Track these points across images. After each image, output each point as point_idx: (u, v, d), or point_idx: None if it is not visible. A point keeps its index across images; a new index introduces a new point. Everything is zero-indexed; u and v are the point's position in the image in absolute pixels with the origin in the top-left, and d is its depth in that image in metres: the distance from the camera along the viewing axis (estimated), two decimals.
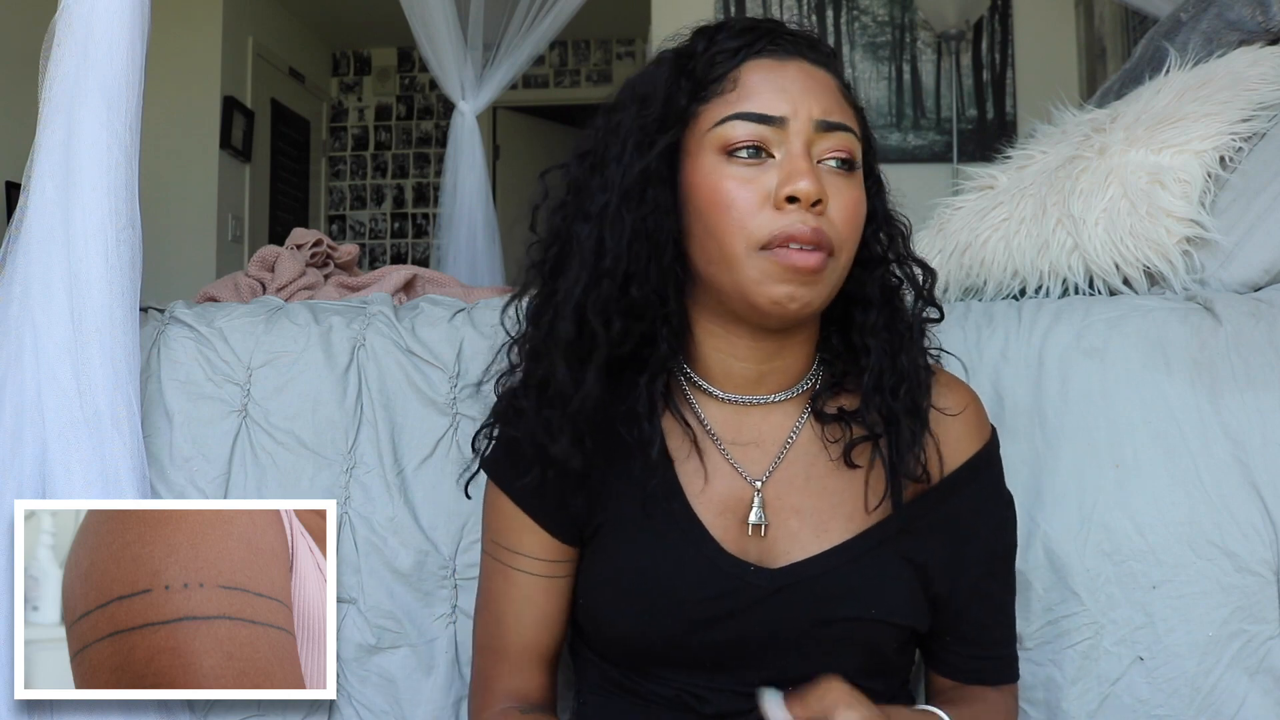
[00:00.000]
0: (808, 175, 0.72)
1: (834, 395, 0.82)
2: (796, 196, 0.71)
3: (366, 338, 1.13)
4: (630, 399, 0.79)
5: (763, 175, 0.73)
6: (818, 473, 0.81)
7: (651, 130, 0.76)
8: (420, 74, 5.25)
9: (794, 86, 0.75)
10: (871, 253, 0.81)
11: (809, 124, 0.74)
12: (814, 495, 0.80)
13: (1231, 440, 0.96)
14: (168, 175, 3.80)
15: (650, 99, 0.77)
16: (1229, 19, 1.40)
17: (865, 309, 0.81)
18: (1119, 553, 0.95)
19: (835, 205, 0.74)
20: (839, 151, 0.74)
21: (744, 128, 0.73)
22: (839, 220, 0.74)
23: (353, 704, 1.02)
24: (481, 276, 2.67)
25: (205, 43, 4.06)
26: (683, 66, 0.78)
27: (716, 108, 0.75)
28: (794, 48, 0.77)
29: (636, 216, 0.76)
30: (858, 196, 0.76)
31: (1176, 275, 1.12)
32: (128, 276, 1.02)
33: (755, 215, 0.72)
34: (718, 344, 0.80)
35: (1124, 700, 0.94)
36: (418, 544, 1.04)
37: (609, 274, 0.76)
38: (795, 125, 0.73)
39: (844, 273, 0.76)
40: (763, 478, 0.80)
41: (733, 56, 0.76)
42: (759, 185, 0.73)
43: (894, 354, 0.79)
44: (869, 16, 3.49)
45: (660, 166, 0.76)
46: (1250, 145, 1.16)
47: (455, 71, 2.68)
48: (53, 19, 1.03)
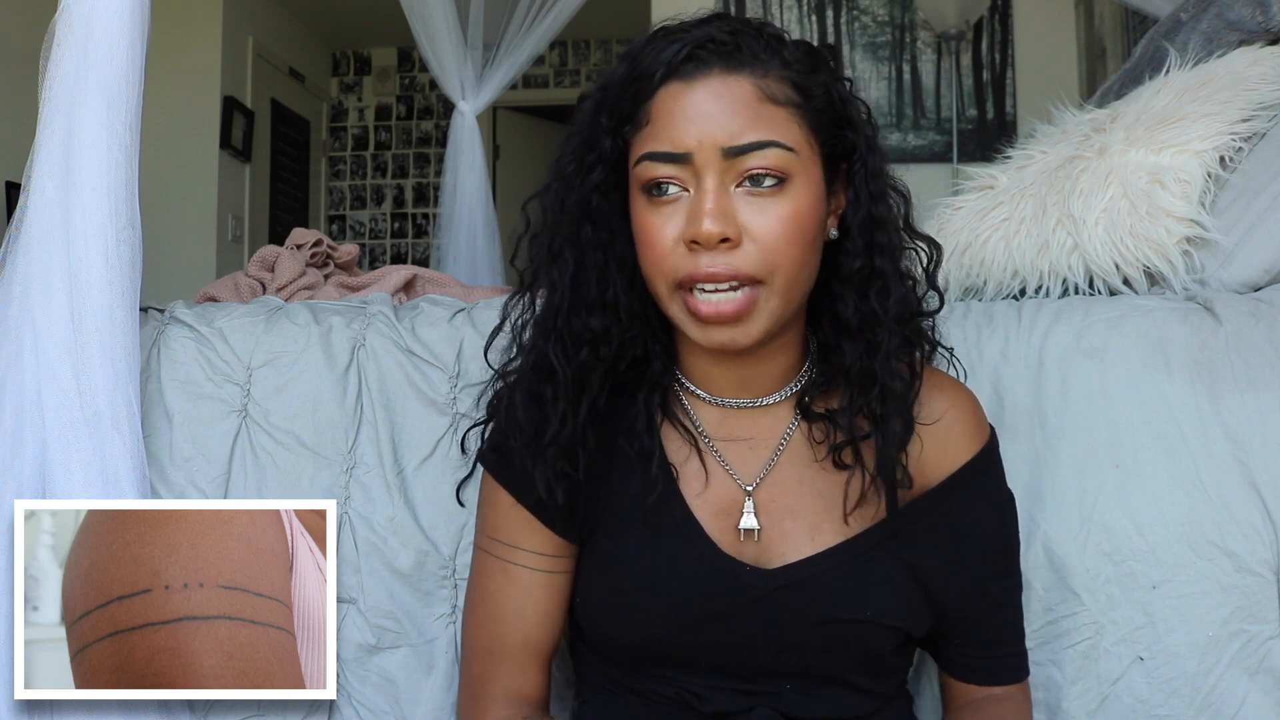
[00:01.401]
0: (709, 215, 0.70)
1: (823, 394, 0.81)
2: (698, 240, 0.70)
3: (366, 338, 1.13)
4: (630, 412, 0.80)
5: (678, 213, 0.72)
6: (810, 474, 0.81)
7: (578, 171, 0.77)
8: (420, 74, 5.25)
9: (699, 114, 0.71)
10: (852, 243, 0.77)
11: (715, 154, 0.71)
12: (807, 497, 0.80)
13: (1231, 440, 0.96)
14: (168, 175, 3.80)
15: (579, 138, 0.78)
16: (1229, 19, 1.39)
17: (843, 305, 0.78)
18: (1119, 553, 0.95)
19: (755, 230, 0.71)
20: (755, 170, 0.71)
21: (655, 167, 0.72)
22: (763, 246, 0.71)
23: (353, 704, 1.02)
24: (481, 276, 2.67)
25: (205, 43, 4.06)
26: (604, 101, 0.76)
27: (638, 143, 0.74)
28: (709, 60, 0.72)
29: (577, 253, 0.77)
30: (788, 212, 0.71)
31: (1176, 275, 1.12)
32: (128, 276, 1.02)
33: (670, 256, 0.72)
34: (698, 353, 0.81)
35: (1124, 700, 0.94)
36: (418, 544, 1.04)
37: (559, 309, 0.77)
38: (701, 158, 0.71)
39: (787, 294, 0.73)
40: (755, 481, 0.80)
41: (649, 84, 0.73)
42: (674, 224, 0.72)
43: (868, 357, 0.77)
44: (869, 16, 3.49)
45: (601, 201, 0.77)
46: (1250, 145, 1.16)
47: (455, 71, 2.68)
48: (53, 19, 1.02)
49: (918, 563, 0.80)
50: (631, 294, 0.78)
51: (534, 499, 0.80)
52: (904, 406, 0.78)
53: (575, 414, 0.77)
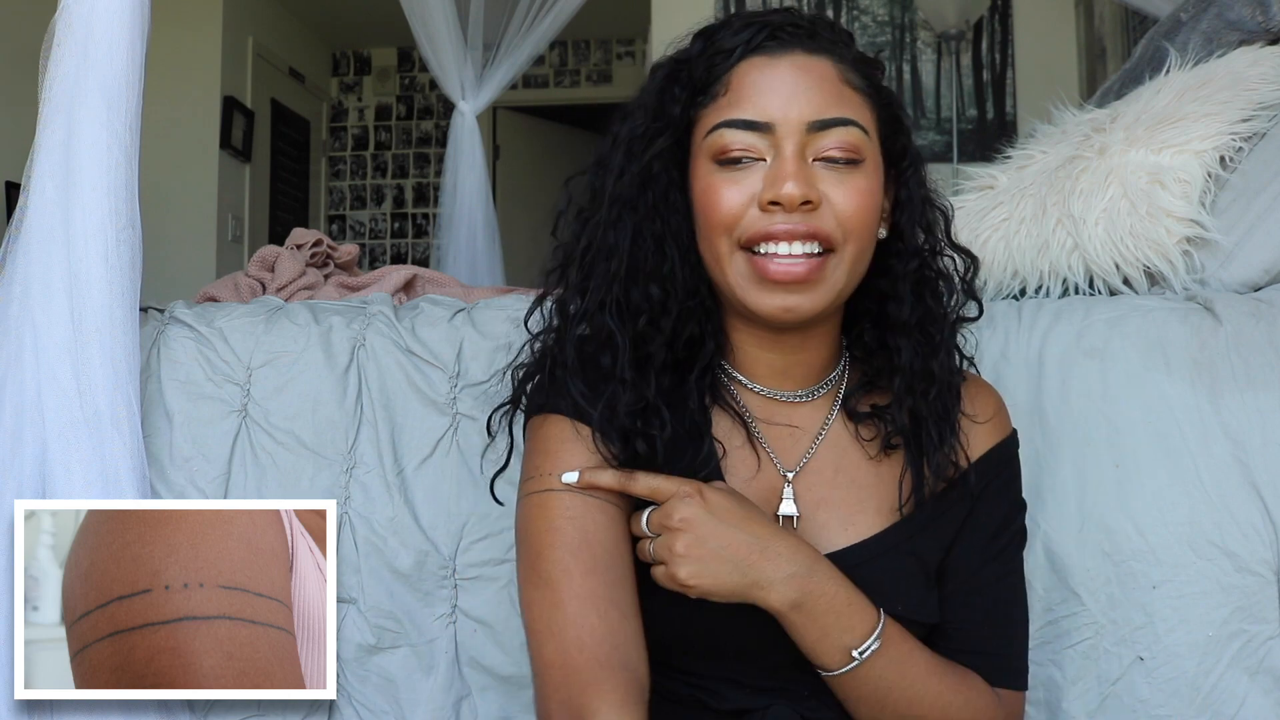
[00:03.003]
0: (793, 178, 0.71)
1: (867, 393, 0.83)
2: (779, 201, 0.71)
3: (366, 338, 1.13)
4: (682, 390, 0.80)
5: (751, 178, 0.73)
6: (847, 466, 0.82)
7: (644, 138, 0.77)
8: (420, 74, 5.25)
9: (784, 87, 0.73)
10: (907, 244, 0.79)
11: (799, 126, 0.73)
12: (842, 488, 0.81)
13: (1231, 440, 0.96)
14: (168, 175, 3.79)
15: (645, 107, 0.78)
16: (1229, 19, 1.40)
17: (899, 305, 0.79)
18: (1119, 553, 0.95)
19: (833, 201, 0.73)
20: (836, 149, 0.73)
21: (733, 135, 0.73)
22: (839, 215, 0.73)
23: (353, 704, 1.02)
24: (481, 276, 2.67)
25: (205, 43, 4.06)
26: (676, 73, 0.78)
27: (711, 113, 0.75)
28: (791, 40, 0.75)
29: (637, 220, 0.77)
30: (862, 187, 0.74)
31: (1176, 275, 1.12)
32: (128, 276, 1.02)
33: (739, 214, 0.73)
34: (745, 337, 0.81)
35: (1124, 700, 0.94)
36: (418, 544, 1.04)
37: (616, 277, 0.77)
38: (784, 129, 0.73)
39: (852, 268, 0.75)
40: (795, 469, 0.81)
41: (727, 58, 0.75)
42: (747, 187, 0.73)
43: (926, 356, 0.79)
44: (869, 16, 3.49)
45: (663, 171, 0.77)
46: (1250, 145, 1.16)
47: (455, 71, 2.68)
48: (53, 19, 1.03)
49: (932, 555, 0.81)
50: (686, 268, 0.78)
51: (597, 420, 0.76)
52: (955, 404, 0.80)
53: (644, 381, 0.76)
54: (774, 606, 0.71)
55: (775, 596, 0.71)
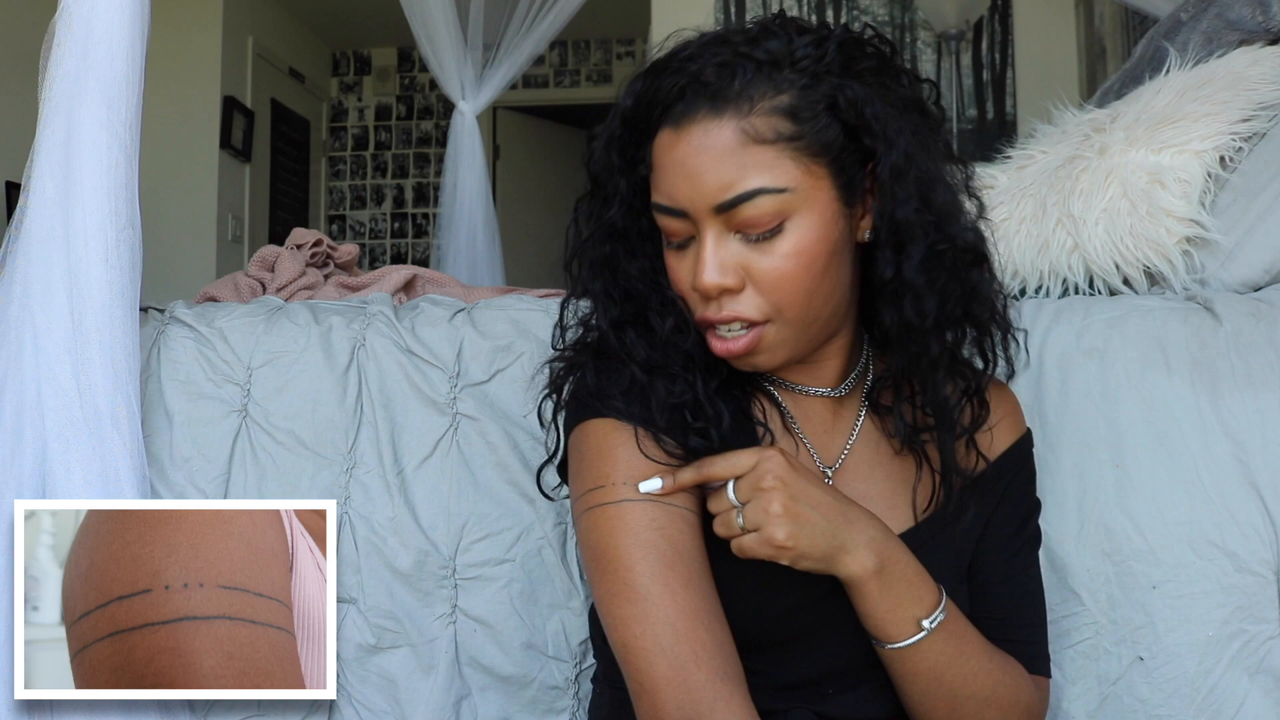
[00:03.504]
0: (707, 268, 0.71)
1: (888, 385, 0.83)
2: (699, 290, 0.73)
3: (366, 338, 1.13)
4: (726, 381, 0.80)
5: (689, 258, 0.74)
6: (881, 461, 0.82)
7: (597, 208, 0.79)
8: (420, 74, 5.25)
9: (686, 170, 0.70)
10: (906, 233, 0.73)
11: (707, 211, 0.71)
12: (877, 483, 0.82)
13: (1231, 440, 0.96)
14: (168, 175, 3.80)
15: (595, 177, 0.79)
16: (1229, 19, 1.40)
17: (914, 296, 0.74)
18: (1119, 553, 0.95)
19: (758, 275, 0.71)
20: (745, 227, 0.70)
21: (663, 220, 0.74)
22: (765, 289, 0.72)
23: (353, 704, 1.02)
24: (481, 276, 2.67)
25: (205, 43, 4.06)
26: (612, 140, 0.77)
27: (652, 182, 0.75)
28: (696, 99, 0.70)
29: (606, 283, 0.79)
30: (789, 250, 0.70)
31: (1176, 275, 1.13)
32: (128, 276, 1.02)
33: (689, 297, 0.76)
34: None
35: (1124, 700, 0.94)
36: (418, 544, 1.04)
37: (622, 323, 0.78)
38: (696, 214, 0.71)
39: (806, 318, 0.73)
40: (835, 464, 0.82)
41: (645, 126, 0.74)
42: (688, 268, 0.74)
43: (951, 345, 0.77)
44: (869, 16, 3.49)
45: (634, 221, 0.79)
46: (1250, 145, 1.16)
47: (455, 71, 2.68)
48: (53, 19, 1.03)
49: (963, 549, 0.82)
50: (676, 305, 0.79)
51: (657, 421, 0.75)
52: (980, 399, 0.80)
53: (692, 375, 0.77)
54: (855, 572, 0.72)
55: (858, 561, 0.71)
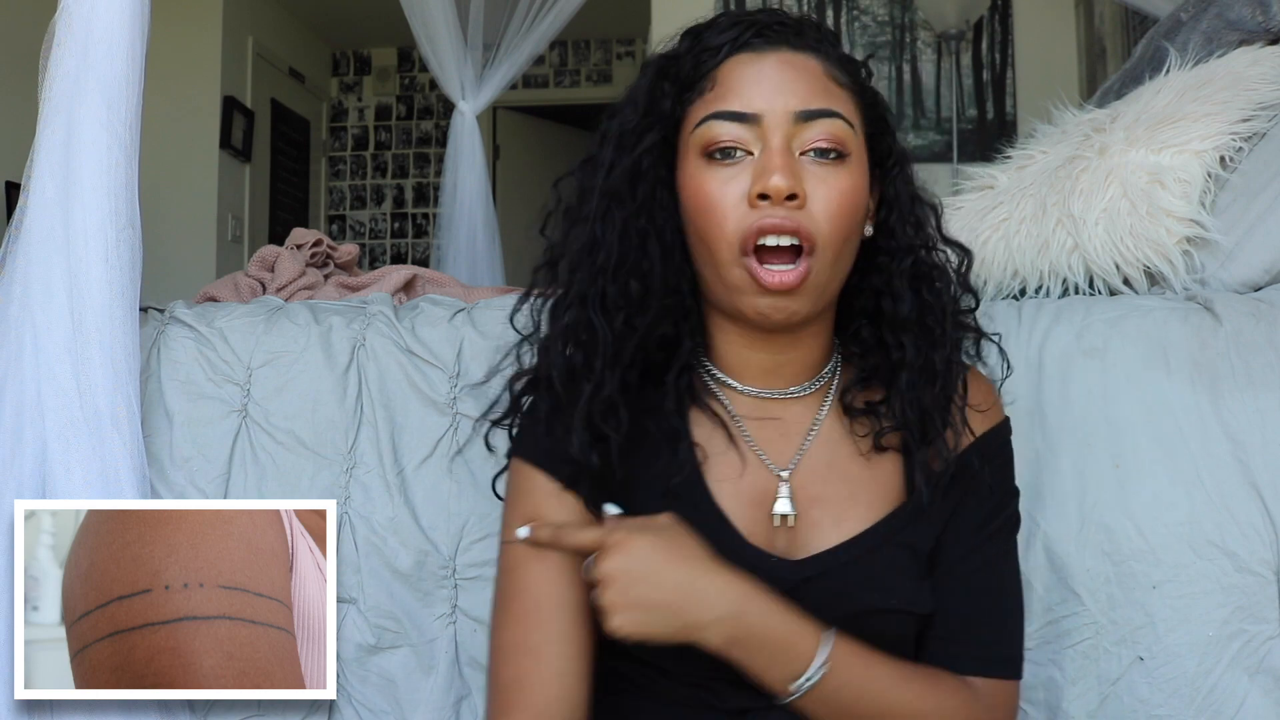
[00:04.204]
0: (780, 170, 0.72)
1: (862, 389, 0.82)
2: (767, 194, 0.72)
3: (366, 338, 1.13)
4: (658, 396, 0.80)
5: (741, 174, 0.74)
6: (839, 462, 0.81)
7: (634, 132, 0.78)
8: (420, 74, 5.25)
9: (771, 79, 0.74)
10: (899, 240, 0.80)
11: (786, 117, 0.73)
12: (834, 484, 0.81)
13: (1231, 440, 0.96)
14: (168, 175, 3.79)
15: (635, 103, 0.79)
16: (1229, 19, 1.40)
17: (895, 301, 0.80)
18: (1119, 553, 0.95)
19: (817, 198, 0.73)
20: (821, 141, 0.74)
21: (720, 127, 0.74)
22: (821, 213, 0.73)
23: (353, 704, 1.02)
24: (481, 276, 2.67)
25: (205, 43, 4.06)
26: (666, 69, 0.78)
27: (698, 108, 0.76)
28: (777, 37, 0.76)
29: (625, 215, 0.77)
30: (847, 185, 0.74)
31: (1176, 275, 1.12)
32: (128, 276, 1.02)
33: (733, 213, 0.74)
34: (732, 338, 0.81)
35: (1124, 700, 0.94)
36: (418, 544, 1.04)
37: (603, 271, 0.77)
38: (771, 120, 0.73)
39: (834, 270, 0.75)
40: (788, 467, 0.81)
41: (714, 55, 0.76)
42: (737, 185, 0.74)
43: (928, 349, 0.79)
44: (869, 16, 3.50)
45: (651, 167, 0.78)
46: (1250, 145, 1.16)
47: (455, 71, 2.68)
48: (53, 19, 1.03)
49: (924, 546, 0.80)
50: (668, 266, 0.78)
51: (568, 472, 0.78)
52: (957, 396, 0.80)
53: (613, 377, 0.77)
54: (711, 647, 0.72)
55: (710, 637, 0.71)
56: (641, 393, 0.80)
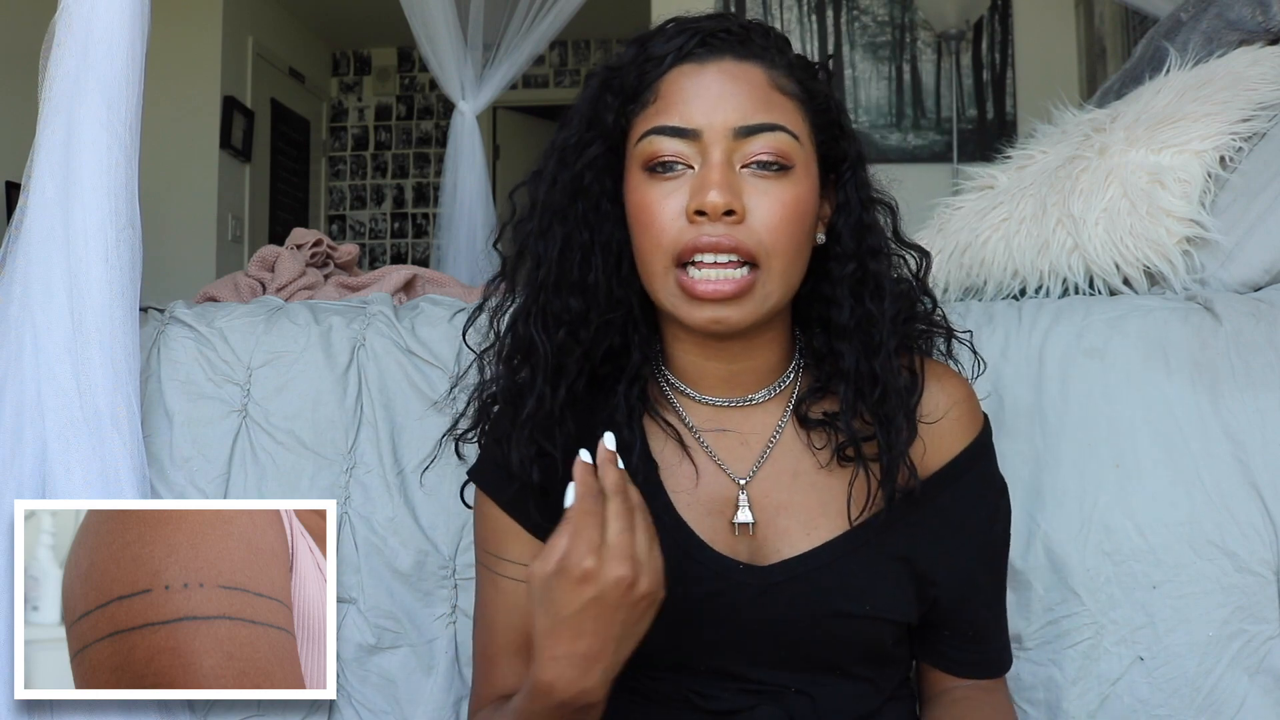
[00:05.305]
0: (716, 186, 0.71)
1: (819, 399, 0.81)
2: (704, 210, 0.71)
3: (366, 338, 1.13)
4: (610, 405, 0.80)
5: (681, 188, 0.73)
6: (805, 469, 0.80)
7: (575, 147, 0.78)
8: (420, 74, 5.26)
9: (711, 93, 0.73)
10: (843, 247, 0.79)
11: (725, 133, 0.72)
12: (801, 492, 0.80)
13: (1231, 440, 0.96)
14: (168, 175, 3.80)
15: (580, 115, 0.79)
16: (1229, 19, 1.40)
17: (838, 309, 0.78)
18: (1119, 553, 0.95)
19: (758, 211, 0.72)
20: (762, 154, 0.72)
21: (661, 142, 0.73)
22: (762, 226, 0.72)
23: (353, 704, 1.02)
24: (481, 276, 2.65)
25: (205, 43, 4.06)
26: (609, 81, 0.78)
27: (641, 121, 0.75)
28: (721, 46, 0.74)
29: (566, 230, 0.77)
30: (790, 197, 0.73)
31: (1176, 275, 1.13)
32: (128, 276, 1.02)
33: (670, 228, 0.73)
34: (686, 347, 0.80)
35: (1124, 700, 0.94)
36: (418, 544, 1.04)
37: (544, 286, 0.77)
38: (710, 135, 0.72)
39: (782, 280, 0.74)
40: (747, 475, 0.80)
41: (658, 65, 0.75)
42: (677, 199, 0.73)
43: (868, 358, 0.77)
44: (869, 16, 3.50)
45: (594, 180, 0.78)
46: (1250, 145, 1.16)
47: (455, 71, 2.68)
48: (53, 19, 1.03)
49: (910, 555, 0.79)
50: (615, 278, 0.79)
51: (510, 496, 0.80)
52: (907, 405, 0.78)
53: (554, 393, 0.77)
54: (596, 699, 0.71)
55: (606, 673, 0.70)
56: (593, 404, 0.80)
